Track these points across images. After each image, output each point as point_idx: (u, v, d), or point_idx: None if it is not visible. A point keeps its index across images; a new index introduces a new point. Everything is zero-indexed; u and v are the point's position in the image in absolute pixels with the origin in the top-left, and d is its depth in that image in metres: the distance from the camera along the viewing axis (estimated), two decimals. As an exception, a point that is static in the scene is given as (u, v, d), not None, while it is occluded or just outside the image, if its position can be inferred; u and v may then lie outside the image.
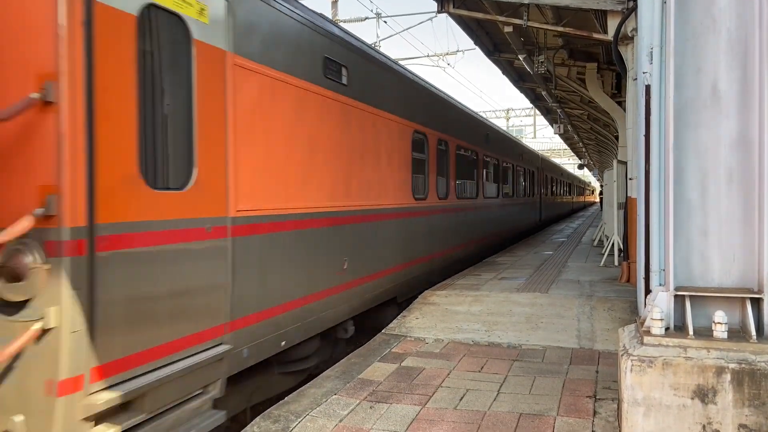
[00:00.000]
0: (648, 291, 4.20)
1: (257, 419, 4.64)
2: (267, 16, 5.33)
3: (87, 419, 3.47)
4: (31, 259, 3.35)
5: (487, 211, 15.15)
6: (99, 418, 3.56)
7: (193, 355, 4.28)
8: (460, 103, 13.23)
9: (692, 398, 3.60)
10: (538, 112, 29.89)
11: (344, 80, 6.86)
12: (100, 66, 3.59)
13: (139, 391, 3.74)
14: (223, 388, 4.61)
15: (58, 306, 3.34)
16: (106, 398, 3.53)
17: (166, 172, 4.19)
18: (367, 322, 8.07)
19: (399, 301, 8.93)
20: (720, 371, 3.56)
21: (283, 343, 5.53)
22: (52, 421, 3.32)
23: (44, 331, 3.34)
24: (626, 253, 10.64)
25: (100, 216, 3.56)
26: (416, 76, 9.97)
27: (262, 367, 5.50)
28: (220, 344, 4.60)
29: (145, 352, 3.88)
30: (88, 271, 3.46)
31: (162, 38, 4.13)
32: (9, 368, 3.40)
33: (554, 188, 32.68)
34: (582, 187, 65.66)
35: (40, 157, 3.39)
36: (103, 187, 3.59)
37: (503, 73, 18.20)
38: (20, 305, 3.38)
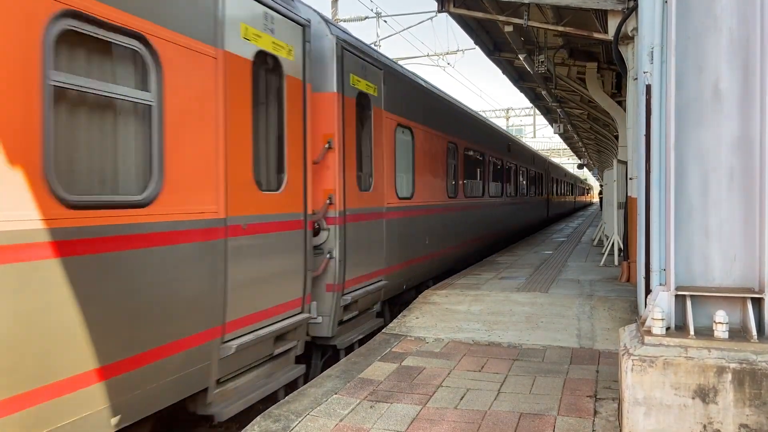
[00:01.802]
0: (648, 290, 4.19)
1: (258, 418, 4.64)
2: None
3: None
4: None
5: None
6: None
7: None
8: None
9: (693, 398, 3.60)
10: (537, 111, 29.89)
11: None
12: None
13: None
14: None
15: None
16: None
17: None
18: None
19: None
20: (721, 371, 3.56)
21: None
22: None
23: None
24: (626, 252, 10.64)
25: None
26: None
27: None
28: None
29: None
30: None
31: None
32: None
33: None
34: (583, 187, 66.42)
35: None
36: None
37: (503, 72, 18.18)
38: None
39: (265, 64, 5.53)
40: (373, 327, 7.80)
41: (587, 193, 75.15)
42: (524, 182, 21.46)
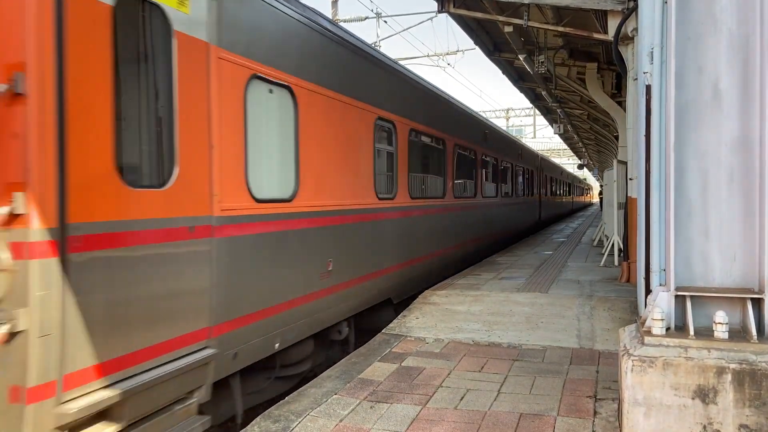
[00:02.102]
0: (648, 291, 4.19)
1: (257, 419, 4.64)
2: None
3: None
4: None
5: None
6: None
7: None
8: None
9: (693, 398, 3.60)
10: (538, 112, 29.87)
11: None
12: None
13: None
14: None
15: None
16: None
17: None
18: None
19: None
20: (721, 371, 3.56)
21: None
22: None
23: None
24: (626, 252, 10.63)
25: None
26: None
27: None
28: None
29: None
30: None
31: None
32: None
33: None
34: (582, 186, 66.00)
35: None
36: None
37: (503, 72, 18.19)
38: None
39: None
40: None
41: (586, 193, 74.73)
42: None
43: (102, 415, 3.62)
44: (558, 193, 36.20)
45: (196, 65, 4.42)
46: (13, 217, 3.21)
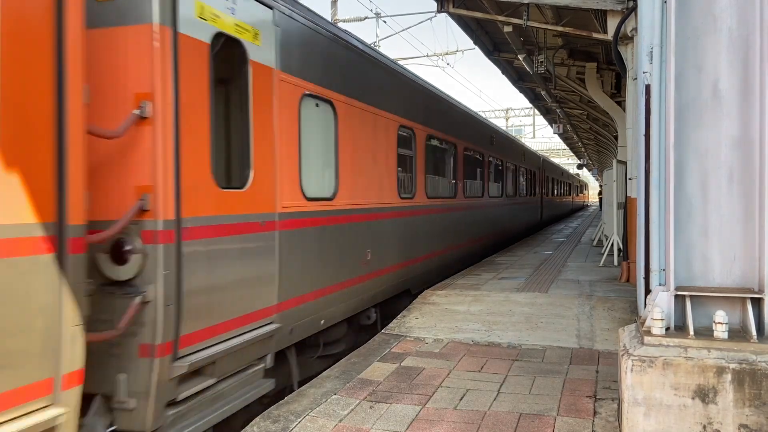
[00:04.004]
0: (648, 291, 4.19)
1: (257, 419, 4.64)
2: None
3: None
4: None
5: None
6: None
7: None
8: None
9: (693, 398, 3.60)
10: (537, 112, 29.89)
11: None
12: None
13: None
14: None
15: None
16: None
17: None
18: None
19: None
20: (720, 371, 3.56)
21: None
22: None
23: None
24: (626, 252, 10.64)
25: None
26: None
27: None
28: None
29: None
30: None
31: None
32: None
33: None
34: (581, 186, 66.16)
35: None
36: None
37: (503, 72, 18.20)
38: None
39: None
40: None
41: (582, 193, 74.65)
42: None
43: (199, 371, 4.51)
44: (558, 193, 36.50)
45: (265, 87, 5.34)
46: (142, 212, 4.08)
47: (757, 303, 3.78)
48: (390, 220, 8.47)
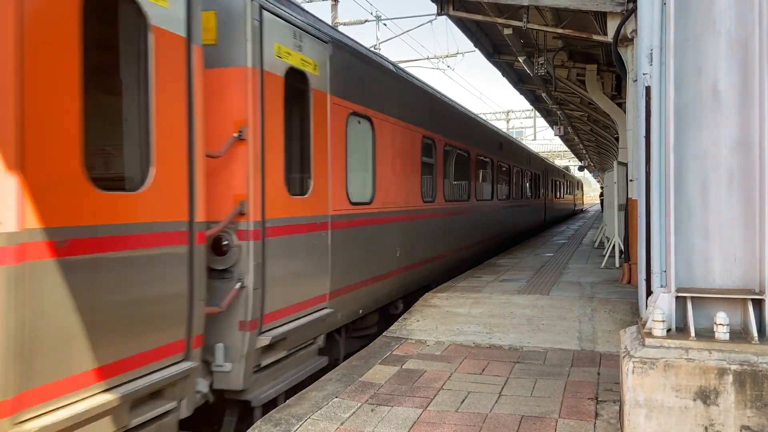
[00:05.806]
0: (649, 292, 4.19)
1: (258, 423, 4.63)
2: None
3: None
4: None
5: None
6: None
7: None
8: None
9: (694, 400, 3.59)
10: (538, 114, 29.91)
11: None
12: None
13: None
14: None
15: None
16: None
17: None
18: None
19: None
20: (722, 372, 3.55)
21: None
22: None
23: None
24: (627, 254, 10.63)
25: None
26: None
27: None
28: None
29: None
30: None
31: None
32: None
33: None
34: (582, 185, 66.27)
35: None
36: None
37: (503, 75, 18.22)
38: None
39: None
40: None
41: (574, 192, 74.21)
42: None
43: (271, 346, 5.39)
44: (561, 195, 36.83)
45: (321, 110, 6.36)
46: (239, 216, 5.08)
47: (758, 304, 3.78)
48: (415, 221, 9.48)
